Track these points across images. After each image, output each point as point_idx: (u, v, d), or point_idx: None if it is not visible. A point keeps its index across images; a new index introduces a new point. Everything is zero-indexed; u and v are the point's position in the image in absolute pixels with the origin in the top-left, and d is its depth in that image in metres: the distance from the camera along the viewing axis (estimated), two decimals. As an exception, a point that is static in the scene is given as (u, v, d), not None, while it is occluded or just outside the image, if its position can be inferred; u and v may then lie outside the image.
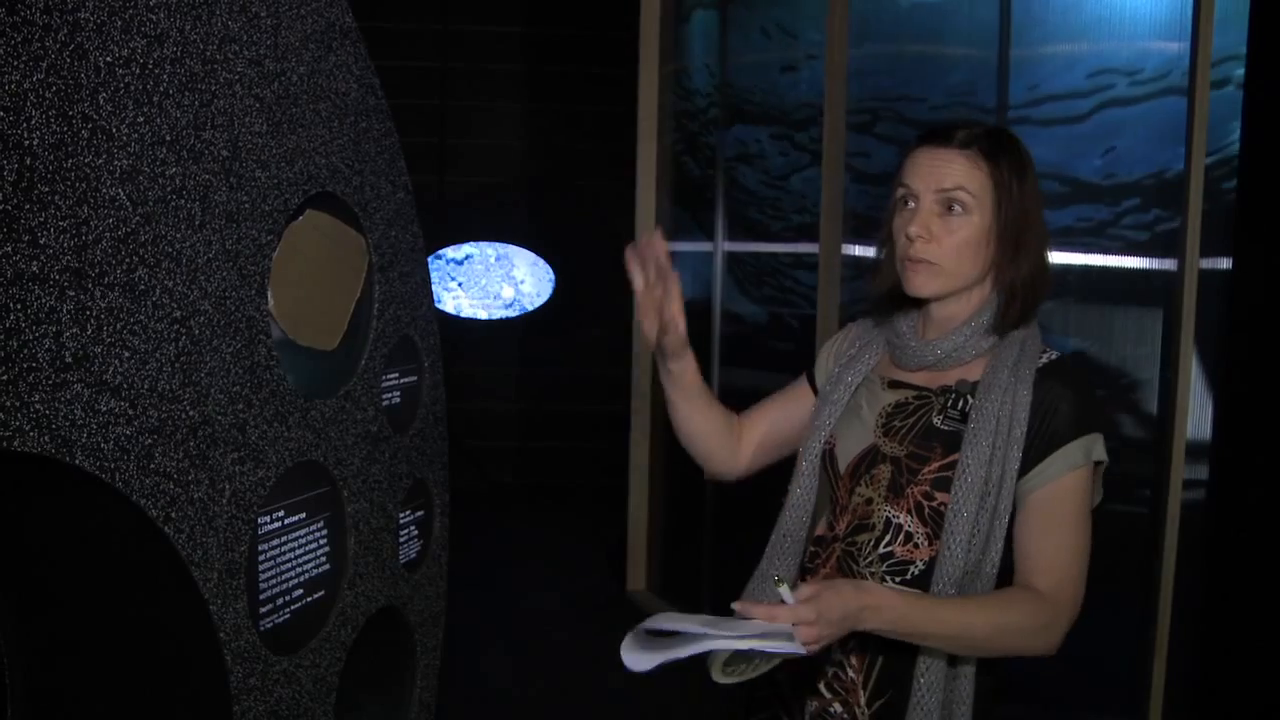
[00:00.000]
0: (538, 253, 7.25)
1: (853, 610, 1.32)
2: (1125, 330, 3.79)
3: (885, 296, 1.63)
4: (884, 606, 1.35)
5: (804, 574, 1.65)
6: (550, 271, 7.26)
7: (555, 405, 7.32)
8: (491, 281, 7.24)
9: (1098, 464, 1.50)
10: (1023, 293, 1.52)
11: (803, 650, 1.26)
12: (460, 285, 7.21)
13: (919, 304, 1.60)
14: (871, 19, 4.06)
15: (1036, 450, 1.47)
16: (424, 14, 7.06)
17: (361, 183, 2.16)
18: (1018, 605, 1.44)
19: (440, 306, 7.15)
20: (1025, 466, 1.48)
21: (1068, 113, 3.61)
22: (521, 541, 6.12)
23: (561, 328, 7.27)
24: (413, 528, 2.42)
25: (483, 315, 7.26)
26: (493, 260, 7.22)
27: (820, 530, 1.67)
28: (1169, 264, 3.66)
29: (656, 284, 1.53)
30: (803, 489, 1.65)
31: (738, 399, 1.77)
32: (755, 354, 4.66)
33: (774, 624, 1.27)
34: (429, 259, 6.99)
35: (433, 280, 6.93)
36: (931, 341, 1.56)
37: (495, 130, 7.24)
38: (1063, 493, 1.47)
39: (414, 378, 2.41)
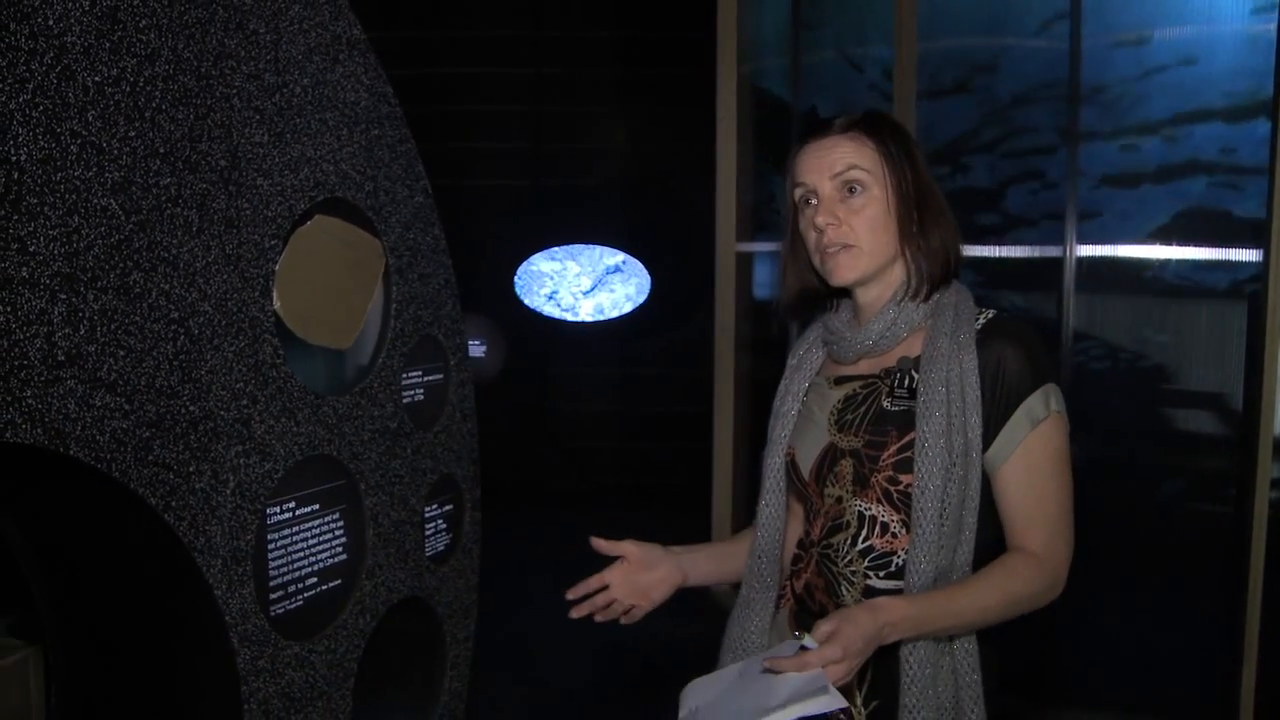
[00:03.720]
0: (633, 255, 7.31)
1: (872, 633, 1.34)
2: (1210, 324, 3.65)
3: (797, 300, 1.64)
4: (900, 619, 1.37)
5: (788, 584, 1.66)
6: (647, 274, 7.31)
7: (649, 407, 7.38)
8: (587, 285, 7.34)
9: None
10: (940, 257, 1.52)
11: (842, 701, 1.29)
12: (557, 288, 7.33)
13: (845, 296, 1.60)
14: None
15: (997, 413, 1.46)
16: (518, 22, 7.21)
17: (375, 188, 2.23)
18: (1021, 572, 1.45)
19: (541, 310, 7.29)
20: (990, 434, 1.47)
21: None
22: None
23: (656, 329, 7.32)
24: (440, 521, 2.49)
25: (583, 318, 7.36)
26: (588, 265, 7.31)
27: (798, 535, 1.68)
28: (1253, 255, 3.51)
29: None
30: (771, 506, 1.66)
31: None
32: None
33: (806, 674, 1.30)
34: (524, 263, 7.15)
35: (530, 284, 7.06)
36: (863, 328, 1.56)
37: (589, 134, 7.34)
38: (1033, 451, 1.46)
39: (439, 376, 2.48)
